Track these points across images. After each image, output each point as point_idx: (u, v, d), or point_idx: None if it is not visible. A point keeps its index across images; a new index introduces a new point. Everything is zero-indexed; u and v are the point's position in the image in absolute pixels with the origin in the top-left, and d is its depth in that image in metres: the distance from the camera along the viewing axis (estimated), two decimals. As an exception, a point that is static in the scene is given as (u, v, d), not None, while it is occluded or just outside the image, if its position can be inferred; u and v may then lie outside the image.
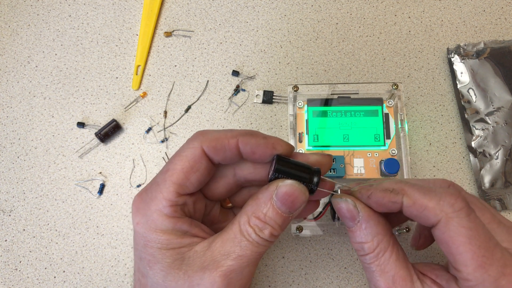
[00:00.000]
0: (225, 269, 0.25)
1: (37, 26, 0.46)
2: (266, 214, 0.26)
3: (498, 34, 0.44)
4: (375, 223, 0.26)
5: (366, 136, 0.38)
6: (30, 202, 0.41)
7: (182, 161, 0.27)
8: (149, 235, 0.26)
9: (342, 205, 0.27)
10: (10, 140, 0.43)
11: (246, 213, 0.27)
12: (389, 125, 0.39)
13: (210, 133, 0.27)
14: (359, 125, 0.39)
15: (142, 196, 0.27)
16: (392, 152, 0.38)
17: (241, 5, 0.46)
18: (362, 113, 0.39)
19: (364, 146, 0.38)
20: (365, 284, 0.38)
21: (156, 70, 0.44)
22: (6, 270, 0.39)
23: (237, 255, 0.26)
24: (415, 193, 0.25)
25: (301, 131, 0.39)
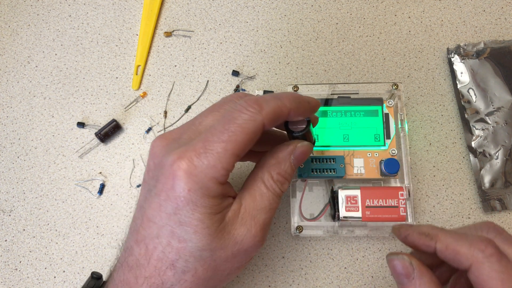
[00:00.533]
0: (261, 222, 0.28)
1: (37, 26, 0.46)
2: (285, 170, 0.29)
3: (498, 34, 0.44)
4: (429, 280, 0.27)
5: (366, 136, 0.38)
6: (30, 202, 0.41)
7: (244, 134, 0.27)
8: (201, 201, 0.26)
9: (397, 262, 0.28)
10: (10, 140, 0.43)
11: (268, 170, 0.29)
12: (389, 125, 0.39)
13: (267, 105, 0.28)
14: (359, 125, 0.39)
15: (192, 161, 0.26)
16: (392, 152, 0.38)
17: (241, 5, 0.46)
18: (362, 113, 0.39)
19: (364, 146, 0.38)
20: (365, 284, 0.38)
21: (156, 70, 0.44)
22: (6, 270, 0.39)
23: (269, 209, 0.29)
24: (447, 239, 0.27)
25: None
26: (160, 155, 0.28)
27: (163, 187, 0.27)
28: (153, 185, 0.28)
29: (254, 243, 0.28)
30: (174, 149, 0.27)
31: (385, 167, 0.37)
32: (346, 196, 0.36)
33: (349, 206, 0.36)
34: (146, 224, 0.28)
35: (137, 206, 0.30)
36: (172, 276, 0.27)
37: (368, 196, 0.36)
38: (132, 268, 0.28)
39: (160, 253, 0.27)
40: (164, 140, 0.28)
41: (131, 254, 0.28)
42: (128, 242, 0.29)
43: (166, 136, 0.29)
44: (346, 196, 0.36)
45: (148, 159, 0.29)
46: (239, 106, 0.27)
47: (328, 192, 0.38)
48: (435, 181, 0.40)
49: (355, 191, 0.36)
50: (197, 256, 0.27)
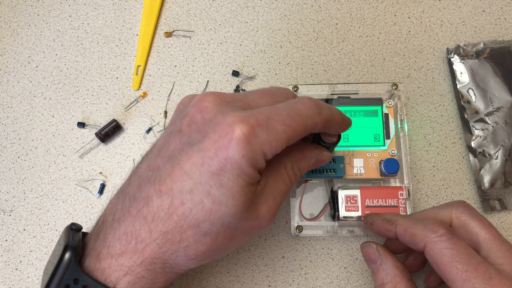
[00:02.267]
0: (278, 202, 0.29)
1: (38, 26, 0.46)
2: (304, 167, 0.31)
3: (497, 34, 0.44)
4: (392, 265, 0.31)
5: (366, 136, 0.38)
6: (31, 202, 0.41)
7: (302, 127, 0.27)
8: (248, 170, 0.25)
9: (366, 250, 0.32)
10: (11, 140, 0.43)
11: (292, 160, 0.30)
12: (388, 125, 0.39)
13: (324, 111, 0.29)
14: (358, 125, 0.39)
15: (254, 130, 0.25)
16: (391, 152, 0.38)
17: (241, 5, 0.46)
18: (361, 113, 0.39)
19: (364, 146, 0.38)
20: (365, 284, 0.38)
21: (156, 70, 0.44)
22: (6, 270, 0.39)
23: (285, 193, 0.30)
24: (405, 223, 0.31)
25: None
26: (214, 111, 0.26)
27: (214, 144, 0.25)
28: (198, 139, 0.26)
29: (269, 221, 0.29)
30: (232, 110, 0.26)
31: (384, 167, 0.37)
32: (346, 196, 0.36)
33: (349, 206, 0.36)
34: (178, 177, 0.26)
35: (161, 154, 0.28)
36: (191, 235, 0.26)
37: (367, 196, 0.36)
38: (146, 219, 0.26)
39: (186, 210, 0.26)
40: (217, 98, 0.27)
41: (148, 205, 0.26)
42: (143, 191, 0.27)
43: (218, 95, 0.27)
44: (346, 196, 0.36)
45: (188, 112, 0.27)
46: (303, 101, 0.28)
47: (328, 192, 0.38)
48: (435, 181, 0.40)
49: (355, 191, 0.36)
50: (225, 222, 0.26)
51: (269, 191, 0.28)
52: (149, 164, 0.28)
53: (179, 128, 0.27)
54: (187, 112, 0.27)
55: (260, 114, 0.26)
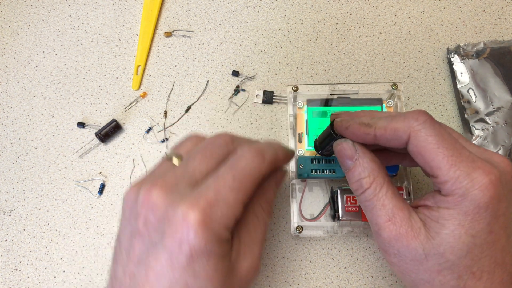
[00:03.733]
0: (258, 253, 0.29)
1: (37, 26, 0.46)
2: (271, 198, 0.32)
3: (498, 34, 0.44)
4: (370, 160, 0.29)
5: None
6: (30, 202, 0.41)
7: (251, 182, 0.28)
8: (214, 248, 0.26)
9: (342, 145, 0.30)
10: (10, 140, 0.43)
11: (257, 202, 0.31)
12: None
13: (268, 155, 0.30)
14: None
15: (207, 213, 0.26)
16: None
17: (241, 5, 0.46)
18: None
19: None
20: (365, 284, 0.38)
21: (156, 70, 0.44)
22: (6, 270, 0.39)
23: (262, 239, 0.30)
24: (384, 122, 0.29)
25: (301, 131, 0.39)
26: (163, 205, 0.26)
27: (175, 239, 0.25)
28: (159, 238, 0.26)
29: (254, 273, 0.29)
30: (179, 199, 0.26)
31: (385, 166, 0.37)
32: (346, 196, 0.36)
33: (349, 206, 0.36)
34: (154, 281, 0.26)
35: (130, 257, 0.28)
36: None
37: None
38: None
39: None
40: (161, 190, 0.27)
41: None
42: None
43: (161, 185, 0.27)
44: (346, 197, 0.36)
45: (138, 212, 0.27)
46: (244, 155, 0.28)
47: (328, 192, 0.38)
48: (435, 181, 0.40)
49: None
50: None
51: (246, 247, 0.29)
52: (124, 270, 0.28)
53: (137, 229, 0.27)
54: (138, 211, 0.27)
55: (208, 190, 0.26)
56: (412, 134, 0.27)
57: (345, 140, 0.31)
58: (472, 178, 0.26)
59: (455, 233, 0.26)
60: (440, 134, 0.27)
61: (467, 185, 0.26)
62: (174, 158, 0.30)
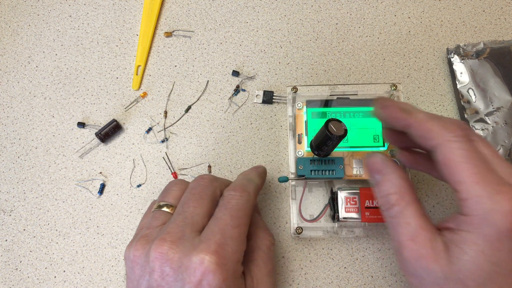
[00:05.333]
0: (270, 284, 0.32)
1: (38, 26, 0.46)
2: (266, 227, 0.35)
3: (497, 34, 0.44)
4: (399, 176, 0.29)
5: (365, 137, 0.38)
6: (31, 202, 0.41)
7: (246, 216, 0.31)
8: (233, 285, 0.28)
9: (372, 160, 0.30)
10: (11, 140, 0.43)
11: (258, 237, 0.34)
12: None
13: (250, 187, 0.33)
14: (358, 126, 0.39)
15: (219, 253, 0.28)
16: (391, 152, 0.38)
17: (241, 5, 0.46)
18: (361, 114, 0.39)
19: (364, 147, 0.38)
20: (365, 284, 0.38)
21: (156, 70, 0.44)
22: (6, 270, 0.39)
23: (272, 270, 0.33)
24: (423, 117, 0.28)
25: (301, 132, 0.39)
26: (177, 257, 0.28)
27: (195, 284, 0.27)
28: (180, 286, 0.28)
29: None
30: (192, 248, 0.28)
31: None
32: (346, 197, 0.36)
33: (349, 207, 0.36)
34: None
35: None
36: None
37: (367, 197, 0.36)
38: None
39: None
40: (172, 243, 0.28)
41: None
42: None
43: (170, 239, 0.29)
44: (346, 197, 0.36)
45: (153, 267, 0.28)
46: (232, 194, 0.31)
47: (328, 193, 0.38)
48: (435, 181, 0.40)
49: (354, 192, 0.36)
50: None
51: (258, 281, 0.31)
52: None
53: (155, 283, 0.28)
54: (152, 267, 0.28)
55: (214, 234, 0.29)
56: (443, 143, 0.27)
57: (375, 154, 0.30)
58: (495, 200, 0.25)
59: (476, 260, 0.25)
60: (470, 150, 0.26)
61: (489, 207, 0.25)
62: (165, 208, 0.33)
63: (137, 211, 0.40)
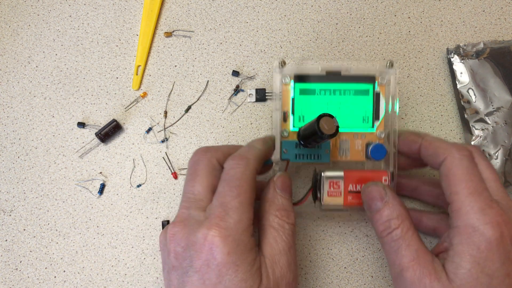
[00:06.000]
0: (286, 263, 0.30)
1: (38, 26, 0.46)
2: (282, 204, 0.32)
3: (497, 34, 0.44)
4: (399, 203, 0.31)
5: (354, 118, 0.36)
6: (31, 202, 0.41)
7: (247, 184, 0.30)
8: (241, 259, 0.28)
9: (372, 188, 0.32)
10: (11, 140, 0.43)
11: (269, 213, 0.32)
12: (379, 106, 0.36)
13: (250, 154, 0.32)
14: (347, 105, 0.36)
15: (221, 225, 0.28)
16: (380, 134, 0.36)
17: (241, 5, 0.46)
18: (352, 92, 0.36)
19: (352, 128, 0.36)
20: (365, 284, 0.38)
21: (156, 70, 0.44)
22: (6, 270, 0.39)
23: (288, 248, 0.31)
24: (432, 138, 0.33)
25: (286, 109, 0.36)
26: (184, 238, 0.29)
27: (201, 261, 0.28)
28: (189, 265, 0.28)
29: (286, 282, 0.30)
30: (196, 226, 0.29)
31: (371, 153, 0.35)
32: (330, 181, 0.34)
33: (332, 191, 0.35)
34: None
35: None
36: None
37: (351, 180, 0.34)
38: None
39: None
40: (179, 226, 0.30)
41: None
42: None
43: (178, 220, 0.30)
44: (330, 182, 0.34)
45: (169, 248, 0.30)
46: (230, 165, 0.31)
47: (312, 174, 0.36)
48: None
49: (338, 173, 0.35)
50: None
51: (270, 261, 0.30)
52: None
53: (171, 264, 0.30)
54: (169, 249, 0.30)
55: (215, 208, 0.29)
56: (449, 157, 0.30)
57: (375, 183, 0.32)
58: (485, 213, 0.27)
59: (472, 272, 0.27)
60: (471, 168, 0.30)
61: (479, 218, 0.27)
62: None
63: (137, 211, 0.40)
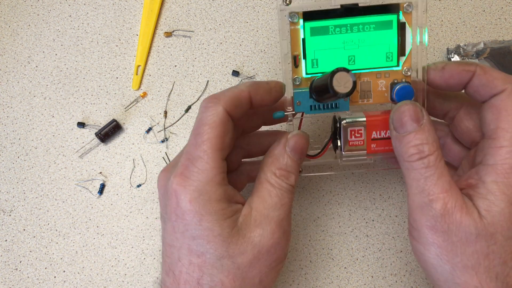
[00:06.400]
0: (276, 219, 0.28)
1: (37, 26, 0.46)
2: (286, 164, 0.30)
3: (498, 34, 0.44)
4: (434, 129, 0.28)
5: (377, 56, 0.31)
6: (30, 202, 0.41)
7: (214, 127, 0.28)
8: (205, 208, 0.27)
9: (410, 106, 0.28)
10: (10, 140, 0.43)
11: (269, 169, 0.30)
12: (404, 38, 0.31)
13: (223, 95, 0.29)
14: (368, 42, 0.31)
15: (184, 174, 0.27)
16: (405, 72, 0.31)
17: (241, 5, 0.46)
18: (372, 26, 0.31)
19: (374, 68, 0.31)
20: (365, 284, 0.38)
21: (156, 70, 0.44)
22: (6, 270, 0.39)
23: (280, 205, 0.29)
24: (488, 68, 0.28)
25: (297, 53, 0.31)
26: (163, 184, 0.29)
27: (171, 209, 0.28)
28: (165, 212, 0.29)
29: (273, 241, 0.28)
30: (171, 173, 0.29)
31: (397, 95, 0.31)
32: (351, 130, 0.31)
33: (353, 140, 0.32)
34: (168, 251, 0.29)
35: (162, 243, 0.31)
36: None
37: (374, 127, 0.31)
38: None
39: (185, 275, 0.27)
40: (164, 172, 0.30)
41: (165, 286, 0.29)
42: (162, 276, 0.30)
43: (165, 168, 0.31)
44: (351, 130, 0.31)
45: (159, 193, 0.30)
46: (200, 108, 0.29)
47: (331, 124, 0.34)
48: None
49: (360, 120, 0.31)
50: (219, 266, 0.27)
51: (258, 213, 0.28)
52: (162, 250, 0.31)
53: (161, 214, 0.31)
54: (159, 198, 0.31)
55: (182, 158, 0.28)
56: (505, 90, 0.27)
57: (412, 102, 0.28)
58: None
59: (505, 211, 0.25)
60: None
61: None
62: None
63: (137, 211, 0.40)
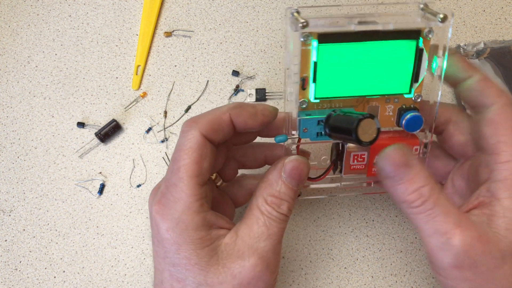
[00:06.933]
0: (260, 250, 0.27)
1: (37, 26, 0.46)
2: (280, 191, 0.28)
3: (498, 34, 0.44)
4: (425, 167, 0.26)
5: (389, 80, 0.29)
6: (30, 202, 0.41)
7: (190, 153, 0.27)
8: (182, 238, 0.26)
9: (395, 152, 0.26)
10: (10, 140, 0.43)
11: (261, 195, 0.28)
12: (420, 65, 0.28)
13: (202, 118, 0.28)
14: (382, 68, 0.28)
15: (161, 202, 0.27)
16: (416, 98, 0.29)
17: (241, 5, 0.46)
18: (389, 52, 0.28)
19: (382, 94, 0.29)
20: (365, 284, 0.38)
21: (156, 70, 0.44)
22: (6, 270, 0.39)
23: (267, 235, 0.27)
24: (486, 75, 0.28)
25: (306, 74, 0.28)
26: (149, 206, 0.29)
27: (153, 234, 0.28)
28: (152, 235, 0.29)
29: (254, 274, 0.26)
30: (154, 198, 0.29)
31: (406, 125, 0.29)
32: (354, 155, 0.30)
33: (355, 164, 0.31)
34: (155, 273, 0.29)
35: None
36: None
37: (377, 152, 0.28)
38: None
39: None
40: (152, 193, 0.30)
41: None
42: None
43: (154, 188, 0.31)
44: (354, 155, 0.30)
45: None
46: (180, 132, 0.28)
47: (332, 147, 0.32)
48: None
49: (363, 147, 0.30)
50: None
51: (243, 242, 0.27)
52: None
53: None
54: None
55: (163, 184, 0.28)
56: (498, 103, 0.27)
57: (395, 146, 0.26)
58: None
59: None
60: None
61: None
62: None
63: (136, 211, 0.40)
